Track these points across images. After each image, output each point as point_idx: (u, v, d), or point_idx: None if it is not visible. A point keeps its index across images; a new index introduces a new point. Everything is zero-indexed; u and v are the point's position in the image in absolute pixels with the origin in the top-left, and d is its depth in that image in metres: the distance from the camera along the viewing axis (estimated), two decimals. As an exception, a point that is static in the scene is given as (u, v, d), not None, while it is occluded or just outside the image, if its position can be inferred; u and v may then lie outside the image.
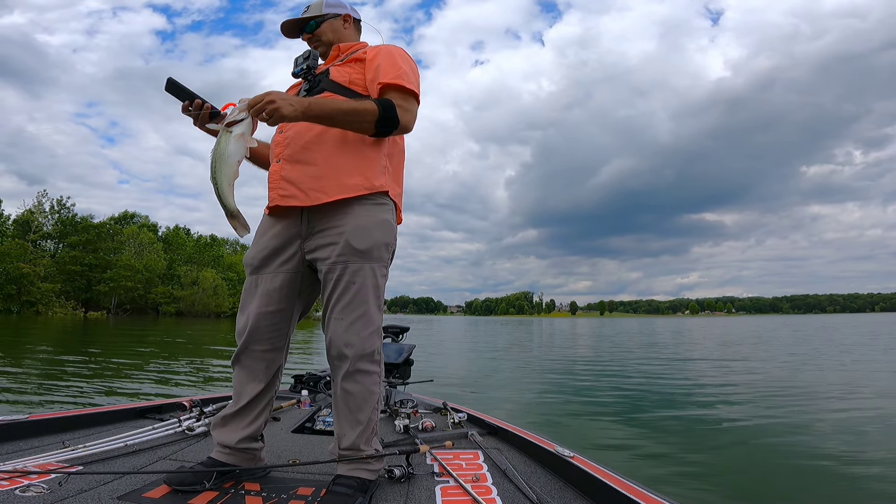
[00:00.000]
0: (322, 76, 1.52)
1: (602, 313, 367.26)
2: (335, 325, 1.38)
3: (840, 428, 4.32)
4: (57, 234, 48.67)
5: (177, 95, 1.49)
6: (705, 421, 4.71)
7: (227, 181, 1.27)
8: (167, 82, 1.48)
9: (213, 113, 1.51)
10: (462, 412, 2.25)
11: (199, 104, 1.48)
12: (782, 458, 3.46)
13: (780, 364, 9.92)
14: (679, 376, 8.07)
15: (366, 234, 1.39)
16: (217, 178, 1.26)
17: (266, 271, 1.46)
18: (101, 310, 47.92)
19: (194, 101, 1.49)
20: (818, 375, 8.13)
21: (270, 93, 1.27)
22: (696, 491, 2.85)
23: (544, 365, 10.25)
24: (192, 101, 1.49)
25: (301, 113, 1.29)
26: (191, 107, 1.44)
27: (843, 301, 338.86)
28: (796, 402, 5.52)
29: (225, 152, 1.27)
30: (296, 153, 1.44)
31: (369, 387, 1.39)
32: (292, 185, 1.42)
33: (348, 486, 1.29)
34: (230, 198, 1.28)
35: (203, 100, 1.51)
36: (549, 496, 1.35)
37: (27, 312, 40.06)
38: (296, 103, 1.27)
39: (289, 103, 1.26)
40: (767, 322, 66.79)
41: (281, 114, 1.25)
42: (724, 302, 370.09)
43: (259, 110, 1.25)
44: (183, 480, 1.31)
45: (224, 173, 1.27)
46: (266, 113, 1.25)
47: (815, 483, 2.99)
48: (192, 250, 60.32)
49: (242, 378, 1.46)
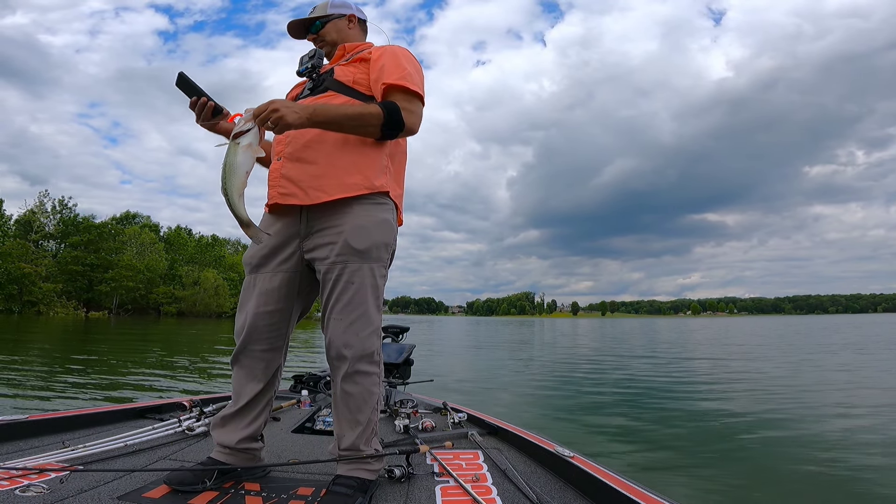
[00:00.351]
0: (326, 75, 1.52)
1: (603, 314, 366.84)
2: (334, 325, 1.38)
3: (843, 428, 4.31)
4: (59, 235, 48.74)
5: (185, 91, 1.49)
6: (706, 421, 4.71)
7: (236, 192, 1.28)
8: (178, 77, 1.48)
9: (217, 110, 1.52)
10: (462, 412, 2.25)
11: (203, 102, 1.48)
12: (783, 458, 3.46)
13: (781, 364, 9.92)
14: (679, 376, 8.07)
15: (365, 234, 1.39)
16: (228, 189, 1.27)
17: (265, 270, 1.46)
18: (103, 310, 47.97)
19: (201, 98, 1.49)
20: (820, 375, 8.12)
21: (274, 101, 1.27)
22: (696, 491, 2.84)
23: (545, 365, 10.25)
24: (198, 98, 1.49)
25: (306, 120, 1.29)
26: (197, 103, 1.44)
27: (846, 302, 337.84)
28: (798, 403, 5.51)
29: (234, 164, 1.28)
30: (296, 151, 1.43)
31: (369, 387, 1.39)
32: (292, 183, 1.42)
33: (348, 486, 1.29)
34: (241, 208, 1.28)
35: (209, 97, 1.51)
36: (549, 496, 1.35)
37: (28, 312, 40.10)
38: (300, 110, 1.27)
39: (293, 111, 1.26)
40: (769, 323, 66.72)
41: (286, 122, 1.25)
42: (725, 302, 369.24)
43: (264, 119, 1.25)
44: (183, 480, 1.31)
45: (234, 185, 1.27)
46: (271, 122, 1.25)
47: (815, 483, 2.98)
48: (194, 250, 60.44)
49: (241, 378, 1.46)
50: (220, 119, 1.56)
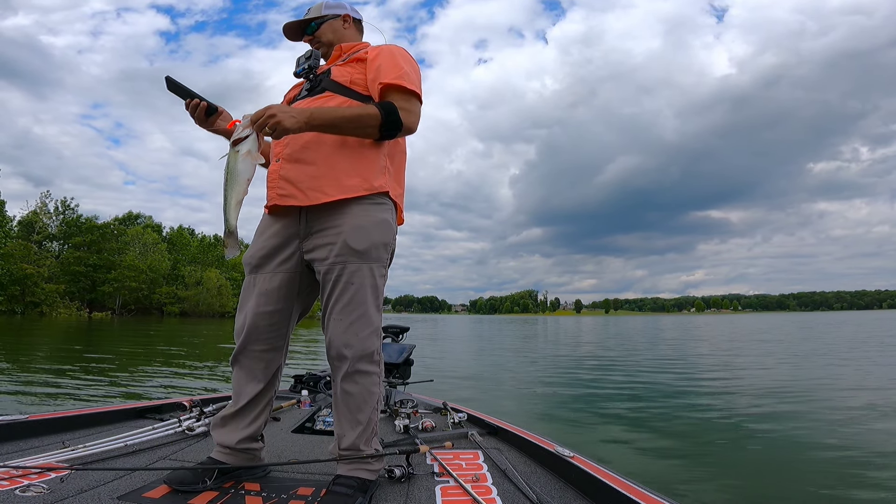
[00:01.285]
0: (323, 76, 1.52)
1: (607, 311, 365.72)
2: (334, 325, 1.38)
3: (847, 428, 4.29)
4: (62, 235, 48.83)
5: (177, 93, 1.49)
6: (707, 421, 4.69)
7: (235, 199, 1.29)
8: (167, 81, 1.49)
9: (210, 110, 1.51)
10: (462, 412, 2.25)
11: (195, 104, 1.48)
12: (784, 458, 3.45)
13: (784, 361, 9.89)
14: (681, 374, 8.05)
15: (364, 235, 1.39)
16: (227, 196, 1.29)
17: (265, 270, 1.46)
18: (106, 310, 47.99)
19: (193, 99, 1.49)
20: (825, 371, 8.09)
21: (270, 107, 1.27)
22: (696, 491, 2.84)
23: (548, 363, 10.24)
24: (191, 100, 1.50)
25: (304, 124, 1.29)
26: (190, 105, 1.44)
27: (851, 298, 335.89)
28: (802, 401, 5.49)
29: (234, 171, 1.29)
30: (295, 153, 1.43)
31: (369, 387, 1.39)
32: (291, 184, 1.42)
33: (348, 486, 1.29)
34: (233, 217, 1.30)
35: (201, 98, 1.51)
36: (549, 496, 1.35)
37: (31, 313, 40.13)
38: (297, 115, 1.28)
39: (290, 115, 1.26)
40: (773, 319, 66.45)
41: (283, 127, 1.25)
42: (730, 299, 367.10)
43: (261, 125, 1.26)
44: (183, 480, 1.31)
45: (234, 191, 1.29)
46: (269, 127, 1.25)
47: (816, 484, 2.97)
48: (196, 250, 60.49)
49: (241, 378, 1.46)
50: (215, 118, 1.55)
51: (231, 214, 1.29)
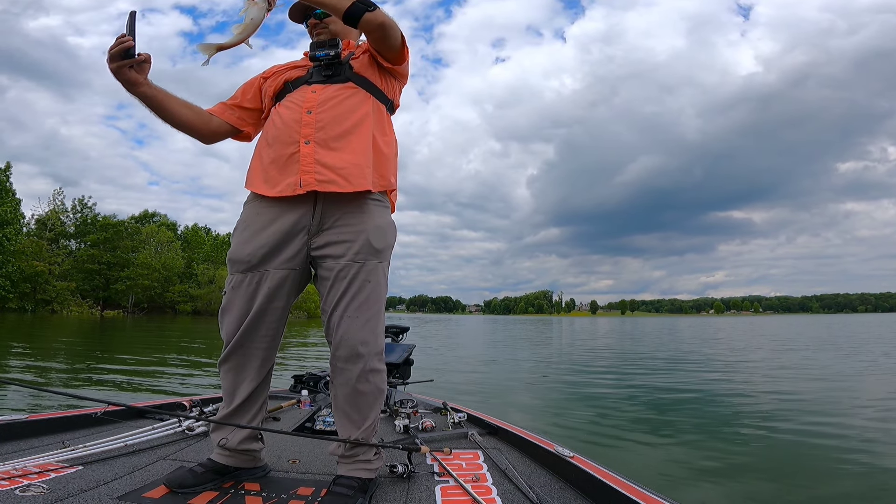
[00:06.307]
0: (345, 66, 1.50)
1: (623, 312, 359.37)
2: (349, 323, 1.35)
3: (854, 430, 4.29)
4: (77, 233, 48.56)
5: (128, 29, 1.36)
6: (708, 420, 4.69)
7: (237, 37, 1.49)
8: (129, 16, 1.36)
9: (129, 53, 1.35)
10: (462, 412, 2.25)
11: (122, 39, 1.34)
12: (785, 458, 3.45)
13: (788, 361, 9.89)
14: (687, 375, 8.05)
15: (382, 235, 1.42)
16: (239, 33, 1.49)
17: (268, 268, 1.39)
18: (119, 308, 47.66)
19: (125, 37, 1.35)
20: (834, 374, 8.08)
21: None
22: (696, 491, 2.84)
23: (559, 365, 10.23)
24: (122, 36, 1.35)
25: None
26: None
27: (875, 300, 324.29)
28: (808, 403, 5.49)
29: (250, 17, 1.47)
30: (331, 140, 1.39)
31: (380, 385, 1.40)
32: (330, 170, 1.36)
33: (348, 486, 1.29)
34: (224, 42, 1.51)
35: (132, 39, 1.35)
36: (549, 496, 1.35)
37: (42, 311, 39.79)
38: None
39: None
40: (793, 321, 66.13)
41: None
42: (751, 301, 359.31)
43: None
44: (183, 480, 1.30)
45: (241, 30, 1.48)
46: None
47: (816, 484, 2.98)
48: (211, 249, 60.01)
49: (235, 378, 1.42)
50: (128, 71, 1.37)
51: (227, 42, 1.49)
